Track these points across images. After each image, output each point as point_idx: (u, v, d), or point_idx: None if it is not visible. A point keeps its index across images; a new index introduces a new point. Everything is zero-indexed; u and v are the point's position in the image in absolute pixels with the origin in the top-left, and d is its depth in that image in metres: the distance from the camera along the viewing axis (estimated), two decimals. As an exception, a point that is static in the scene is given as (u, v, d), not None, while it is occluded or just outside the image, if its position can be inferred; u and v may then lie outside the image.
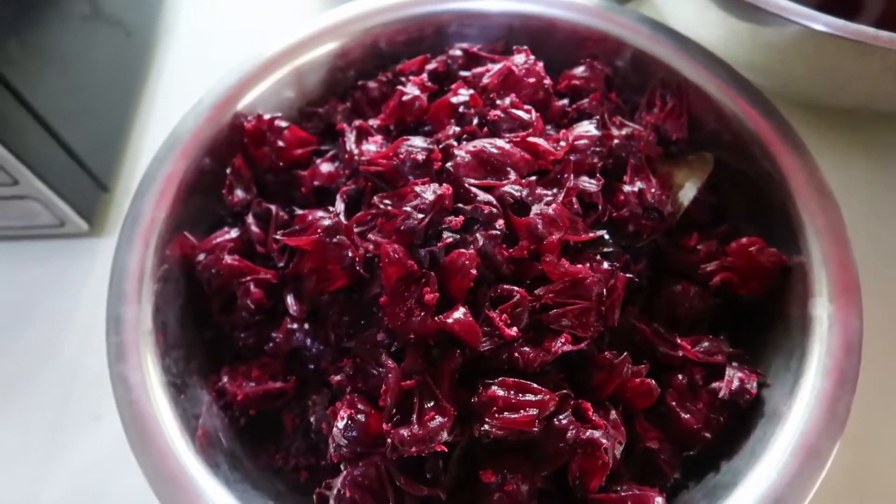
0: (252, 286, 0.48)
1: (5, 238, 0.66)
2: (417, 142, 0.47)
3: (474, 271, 0.41)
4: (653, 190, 0.48)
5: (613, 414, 0.40)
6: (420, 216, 0.42)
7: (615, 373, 0.41)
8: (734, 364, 0.44)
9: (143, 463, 0.40)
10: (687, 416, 0.42)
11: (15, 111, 0.55)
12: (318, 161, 0.54)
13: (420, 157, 0.46)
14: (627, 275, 0.45)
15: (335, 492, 0.40)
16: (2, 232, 0.64)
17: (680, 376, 0.44)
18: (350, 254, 0.43)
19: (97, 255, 0.64)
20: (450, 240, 0.42)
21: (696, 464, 0.43)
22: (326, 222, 0.44)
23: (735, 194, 0.53)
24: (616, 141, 0.50)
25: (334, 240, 0.44)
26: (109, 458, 0.54)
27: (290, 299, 0.47)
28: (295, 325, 0.47)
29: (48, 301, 0.63)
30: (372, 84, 0.58)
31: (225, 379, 0.47)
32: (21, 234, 0.64)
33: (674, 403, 0.43)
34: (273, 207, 0.51)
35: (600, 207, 0.47)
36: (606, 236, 0.47)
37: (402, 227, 0.42)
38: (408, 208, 0.43)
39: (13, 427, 0.57)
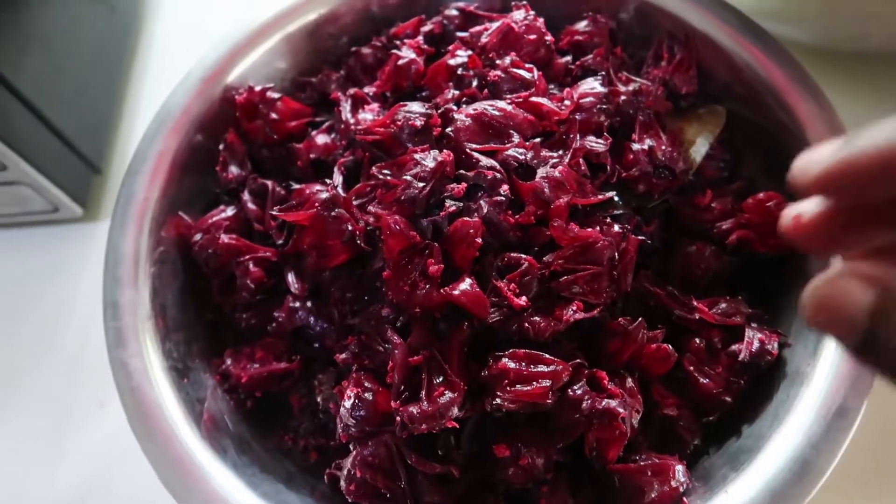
0: (251, 265, 0.46)
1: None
2: (415, 107, 0.45)
3: (479, 240, 0.39)
4: (663, 147, 0.46)
5: (630, 382, 0.39)
6: (421, 185, 0.41)
7: (630, 339, 0.39)
8: (753, 325, 0.42)
9: (147, 450, 0.39)
10: (706, 380, 0.41)
11: (-1, 94, 0.53)
12: (314, 133, 0.52)
13: (418, 122, 0.44)
14: (639, 237, 0.43)
15: (345, 472, 0.39)
16: (-4, 220, 0.63)
17: (697, 340, 0.42)
18: (349, 227, 0.42)
19: (93, 239, 0.63)
20: (453, 208, 0.40)
21: (716, 429, 0.41)
22: (324, 195, 0.42)
23: (750, 148, 0.51)
24: (623, 97, 0.48)
25: (332, 213, 0.42)
26: (116, 443, 0.53)
27: (290, 277, 0.46)
28: (297, 304, 0.46)
29: (47, 289, 0.62)
30: (366, 50, 0.56)
31: (228, 361, 0.46)
32: (15, 221, 0.63)
33: (692, 368, 0.41)
34: (269, 183, 0.49)
35: (609, 168, 0.45)
36: (616, 198, 0.45)
37: (402, 198, 0.40)
38: (408, 177, 0.41)
39: (20, 416, 0.57)
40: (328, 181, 0.46)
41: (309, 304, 0.45)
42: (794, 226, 0.26)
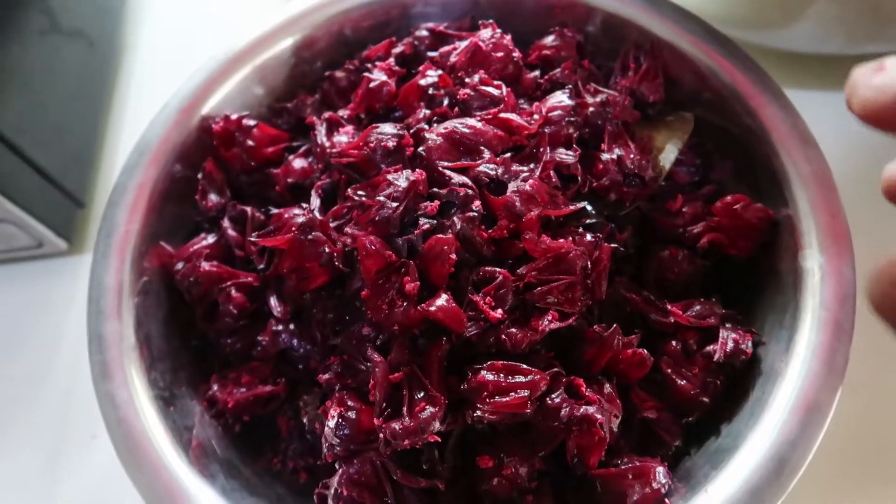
0: (233, 291, 0.47)
1: (-15, 264, 0.65)
2: (387, 128, 0.46)
3: (454, 256, 0.40)
4: (632, 156, 0.47)
5: (608, 387, 0.40)
6: (394, 205, 0.41)
7: (606, 346, 0.40)
8: (727, 325, 0.43)
9: (136, 481, 0.39)
10: (683, 382, 0.41)
11: (-23, 134, 0.54)
12: (291, 157, 0.52)
13: (391, 143, 0.45)
14: (612, 245, 0.44)
15: (332, 491, 0.39)
16: (-19, 258, 0.64)
17: (674, 343, 0.43)
18: (327, 250, 0.43)
19: (79, 272, 0.63)
20: (427, 226, 0.41)
21: (696, 430, 0.42)
22: (300, 219, 0.43)
23: (719, 153, 0.52)
24: (591, 109, 0.49)
25: (309, 237, 0.43)
26: (109, 476, 0.53)
27: (273, 301, 0.47)
28: (280, 327, 0.46)
29: (34, 324, 0.62)
30: (339, 74, 0.57)
31: (215, 387, 0.46)
32: None
33: (669, 371, 0.42)
34: (248, 209, 0.50)
35: (579, 179, 0.46)
36: (588, 207, 0.46)
37: (376, 218, 0.41)
38: (381, 198, 0.42)
39: (11, 453, 0.57)
40: (304, 205, 0.46)
41: (292, 326, 0.46)
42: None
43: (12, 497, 0.55)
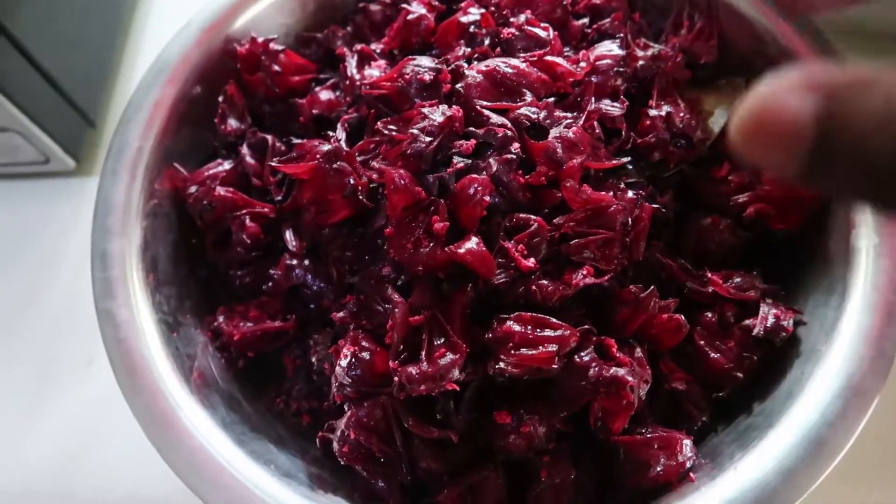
0: (247, 220, 0.44)
1: (-10, 177, 0.63)
2: (424, 61, 0.43)
3: (487, 198, 0.37)
4: (682, 114, 0.44)
5: (639, 352, 0.37)
6: (428, 139, 0.39)
7: (641, 308, 0.38)
8: (768, 301, 0.40)
9: (133, 403, 0.37)
10: (717, 355, 0.39)
11: (-9, 37, 0.51)
12: (318, 88, 0.50)
13: (427, 77, 0.42)
14: (654, 205, 0.41)
15: (339, 433, 0.37)
16: (-14, 170, 0.61)
17: (709, 314, 0.40)
18: (352, 181, 0.40)
19: (85, 194, 0.60)
20: (460, 165, 0.39)
21: (725, 407, 0.40)
22: (326, 148, 0.41)
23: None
24: (641, 62, 0.46)
25: (335, 166, 0.40)
26: (102, 402, 0.51)
27: (288, 234, 0.44)
28: (294, 262, 0.44)
29: (35, 243, 0.60)
30: (374, 7, 0.53)
31: (221, 318, 0.44)
32: (5, 171, 0.61)
33: (702, 342, 0.40)
34: (269, 137, 0.48)
35: (624, 133, 0.43)
36: (630, 166, 0.44)
37: (408, 151, 0.39)
38: (414, 130, 0.39)
39: (1, 372, 0.55)
40: (331, 133, 0.44)
41: (306, 262, 0.44)
42: None
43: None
